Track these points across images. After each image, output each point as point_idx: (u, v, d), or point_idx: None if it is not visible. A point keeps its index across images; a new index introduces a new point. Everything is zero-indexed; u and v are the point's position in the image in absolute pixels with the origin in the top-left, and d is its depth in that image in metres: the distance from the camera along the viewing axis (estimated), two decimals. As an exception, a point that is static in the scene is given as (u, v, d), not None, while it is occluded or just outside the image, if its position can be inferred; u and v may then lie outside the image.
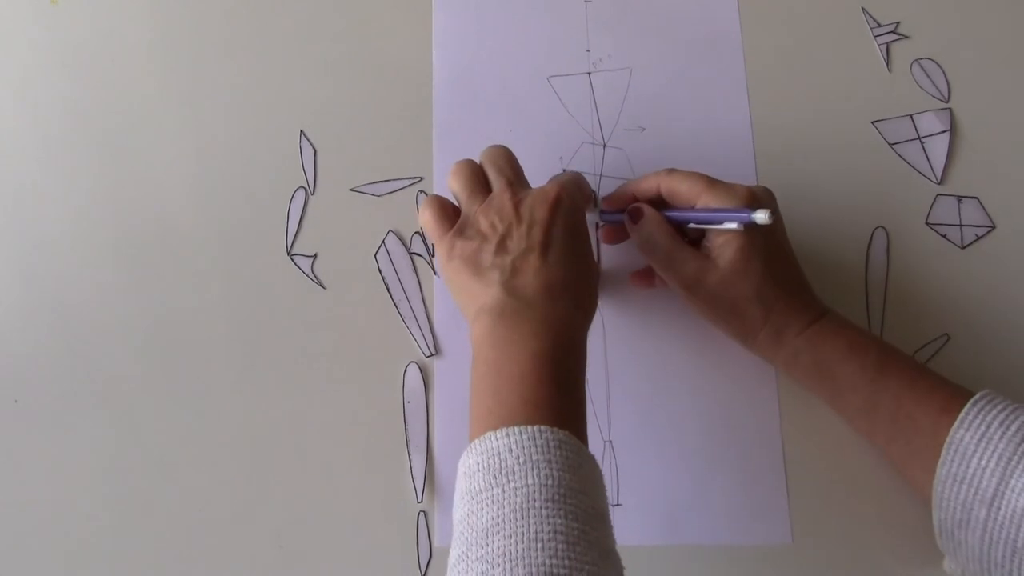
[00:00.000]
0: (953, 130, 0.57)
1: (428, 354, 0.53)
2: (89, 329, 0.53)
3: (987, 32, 0.58)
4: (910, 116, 0.57)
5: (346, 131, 0.57)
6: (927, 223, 0.55)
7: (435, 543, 0.49)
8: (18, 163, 0.57)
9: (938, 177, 0.56)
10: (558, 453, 0.36)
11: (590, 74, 0.58)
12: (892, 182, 0.56)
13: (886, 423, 0.45)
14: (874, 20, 0.59)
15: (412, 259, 0.55)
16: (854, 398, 0.46)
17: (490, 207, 0.45)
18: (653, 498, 0.50)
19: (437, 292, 0.54)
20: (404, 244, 0.55)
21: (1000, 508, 0.40)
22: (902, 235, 0.55)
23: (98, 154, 0.57)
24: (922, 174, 0.56)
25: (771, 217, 0.44)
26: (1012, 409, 0.42)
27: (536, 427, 0.37)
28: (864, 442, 0.49)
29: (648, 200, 0.49)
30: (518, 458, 0.36)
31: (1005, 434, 0.41)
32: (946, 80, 0.58)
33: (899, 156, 0.56)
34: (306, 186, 0.56)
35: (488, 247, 0.44)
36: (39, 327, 0.54)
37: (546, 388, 0.39)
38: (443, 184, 0.54)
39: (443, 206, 0.47)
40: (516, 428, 0.37)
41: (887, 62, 0.58)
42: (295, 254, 0.55)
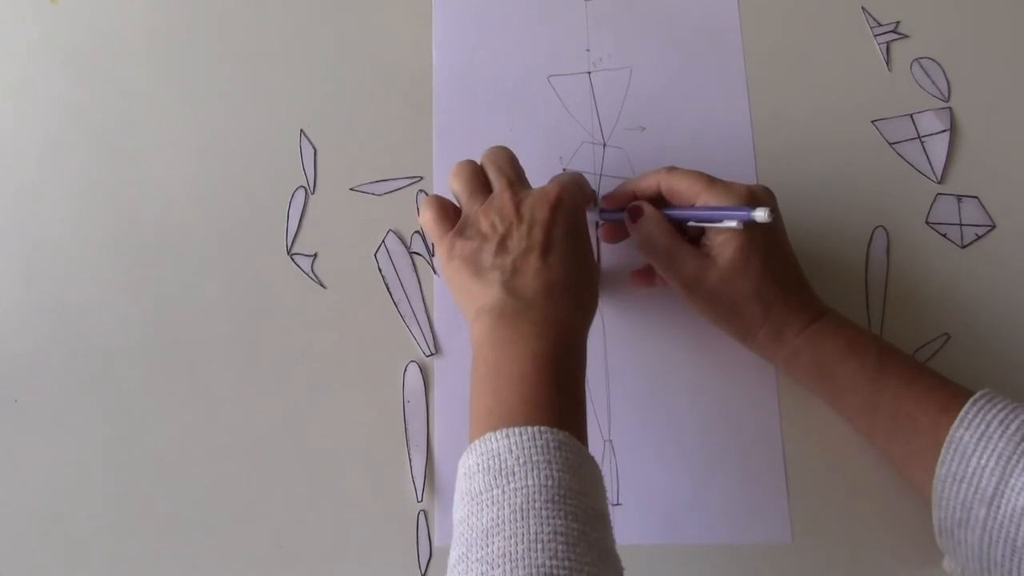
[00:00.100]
0: (953, 129, 0.56)
1: (428, 353, 0.53)
2: (89, 329, 0.53)
3: (987, 31, 0.58)
4: (910, 115, 0.57)
5: (346, 130, 0.57)
6: (927, 222, 0.55)
7: (435, 543, 0.49)
8: (18, 163, 0.57)
9: (938, 176, 0.56)
10: (558, 454, 0.36)
11: (590, 73, 0.58)
12: (892, 181, 0.56)
13: (886, 422, 0.45)
14: (874, 19, 0.59)
15: (412, 258, 0.55)
16: (854, 397, 0.46)
17: (491, 207, 0.45)
18: (653, 497, 0.50)
19: (437, 291, 0.54)
20: (404, 243, 0.55)
21: (1000, 507, 0.40)
22: (902, 234, 0.55)
23: (98, 154, 0.57)
24: (922, 173, 0.56)
25: (771, 215, 0.44)
26: (1012, 408, 0.42)
27: (536, 428, 0.37)
28: (864, 442, 0.49)
29: (648, 198, 0.49)
30: (518, 459, 0.36)
31: (1005, 433, 0.41)
32: (946, 79, 0.58)
33: (899, 155, 0.56)
34: (306, 185, 0.56)
35: (488, 247, 0.44)
36: (39, 327, 0.54)
37: (546, 388, 0.39)
38: (443, 184, 0.55)
39: (443, 206, 0.47)
40: (516, 429, 0.37)
41: (887, 61, 0.58)
42: (295, 253, 0.55)
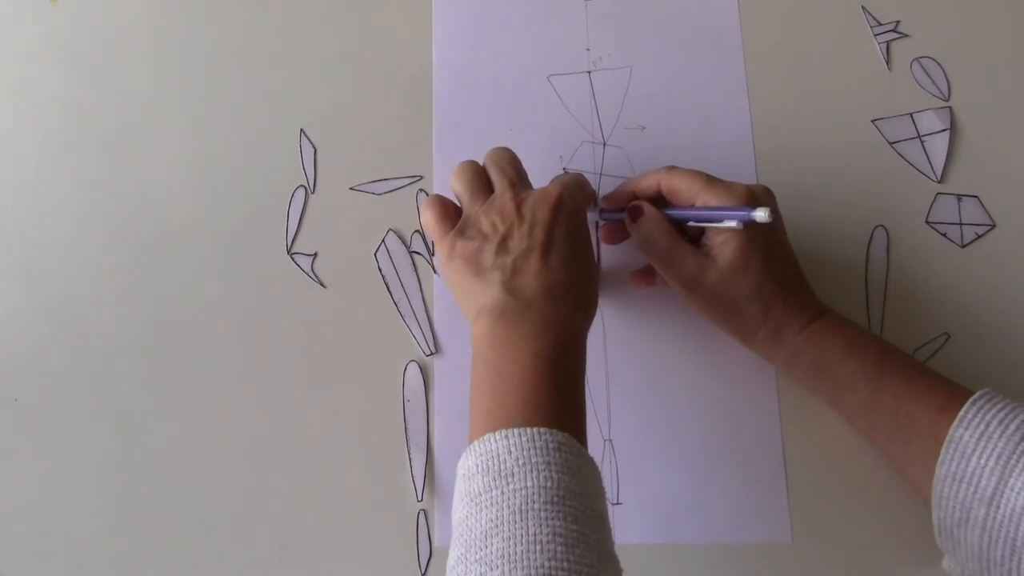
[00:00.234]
0: (953, 129, 0.56)
1: (428, 353, 0.53)
2: (89, 328, 0.53)
3: (987, 31, 0.58)
4: (910, 115, 0.57)
5: (346, 130, 0.57)
6: (927, 222, 0.55)
7: (435, 542, 0.49)
8: (18, 163, 0.57)
9: (938, 176, 0.56)
10: (557, 455, 0.36)
11: (590, 73, 0.58)
12: (892, 181, 0.56)
13: (886, 422, 0.45)
14: (874, 19, 0.59)
15: (412, 258, 0.55)
16: (854, 397, 0.46)
17: (491, 207, 0.45)
18: (653, 497, 0.50)
19: (437, 291, 0.54)
20: (404, 243, 0.55)
21: (999, 507, 0.40)
22: (902, 234, 0.55)
23: (98, 154, 0.57)
24: (922, 173, 0.56)
25: (771, 215, 0.44)
26: (1011, 408, 0.42)
27: (535, 429, 0.37)
28: (864, 442, 0.49)
29: (648, 198, 0.49)
30: (517, 460, 0.36)
31: (1004, 433, 0.41)
32: (946, 79, 0.58)
33: (899, 155, 0.56)
34: (306, 185, 0.56)
35: (489, 247, 0.44)
36: (39, 327, 0.54)
37: (546, 389, 0.39)
38: (443, 183, 0.55)
39: (444, 206, 0.47)
40: (515, 430, 0.37)
41: (887, 61, 0.58)
42: (295, 253, 0.55)
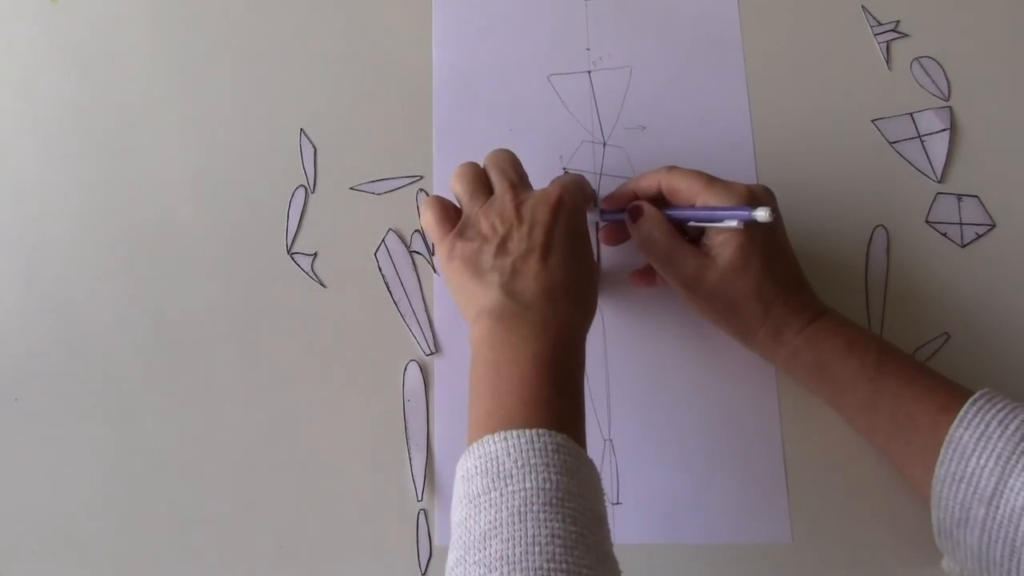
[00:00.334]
0: (953, 128, 0.56)
1: (428, 352, 0.53)
2: (89, 328, 0.53)
3: (987, 30, 0.58)
4: (910, 114, 0.57)
5: (346, 130, 0.57)
6: (927, 222, 0.55)
7: (435, 542, 0.49)
8: (18, 163, 0.57)
9: (938, 175, 0.56)
10: (556, 457, 0.36)
11: (590, 73, 0.58)
12: (892, 181, 0.56)
13: (886, 422, 0.45)
14: (874, 19, 0.59)
15: (412, 257, 0.55)
16: (854, 397, 0.46)
17: (491, 208, 0.45)
18: (653, 497, 0.50)
19: (437, 290, 0.54)
20: (404, 242, 0.55)
21: (999, 507, 0.40)
22: (902, 234, 0.55)
23: (98, 154, 0.57)
24: (922, 172, 0.56)
25: (771, 215, 0.44)
26: (1011, 408, 0.42)
27: (534, 431, 0.37)
28: (864, 442, 0.49)
29: (649, 198, 0.49)
30: (516, 462, 0.36)
31: (1004, 433, 0.41)
32: (946, 78, 0.57)
33: (899, 155, 0.56)
34: (306, 185, 0.56)
35: (488, 248, 0.44)
36: (39, 327, 0.54)
37: (546, 389, 0.39)
38: (443, 183, 0.55)
39: (444, 207, 0.47)
40: (514, 432, 0.37)
41: (887, 60, 0.58)
42: (295, 253, 0.55)
